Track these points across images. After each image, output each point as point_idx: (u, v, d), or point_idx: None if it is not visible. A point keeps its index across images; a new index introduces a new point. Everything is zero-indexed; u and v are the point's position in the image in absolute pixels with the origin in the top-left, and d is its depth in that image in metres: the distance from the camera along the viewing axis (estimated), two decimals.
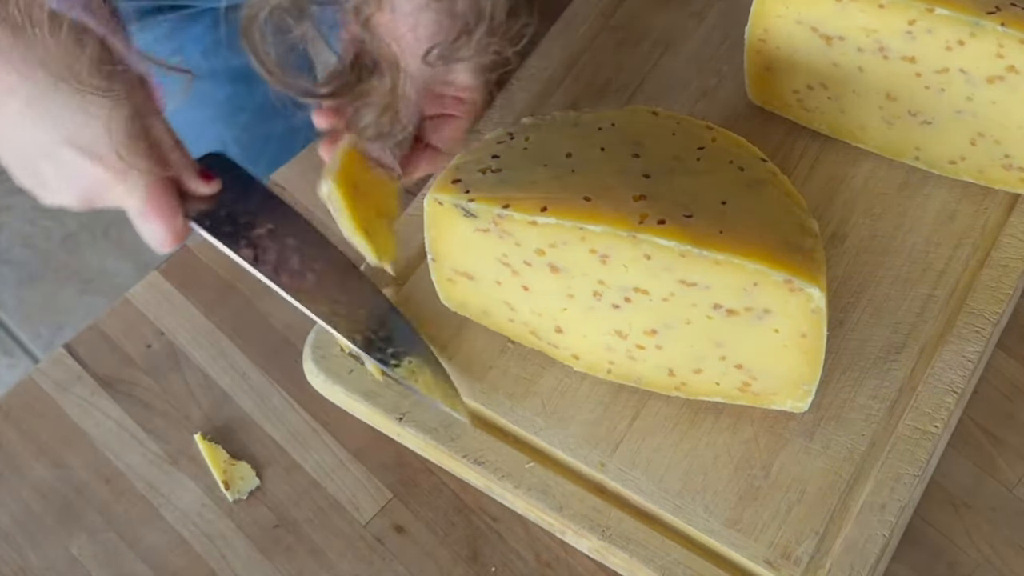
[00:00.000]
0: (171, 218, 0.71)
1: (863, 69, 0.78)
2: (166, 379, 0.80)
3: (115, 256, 1.80)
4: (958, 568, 0.72)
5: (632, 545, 0.70)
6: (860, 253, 0.79)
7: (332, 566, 0.73)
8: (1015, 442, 0.76)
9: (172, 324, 0.81)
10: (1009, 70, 0.73)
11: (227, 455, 0.77)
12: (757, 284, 0.67)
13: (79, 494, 0.76)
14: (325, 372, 0.76)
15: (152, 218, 0.70)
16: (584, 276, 0.70)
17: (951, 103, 0.77)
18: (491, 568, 0.73)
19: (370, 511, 0.75)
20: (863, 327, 0.76)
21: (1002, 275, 0.77)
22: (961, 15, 0.72)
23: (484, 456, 0.73)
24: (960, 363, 0.75)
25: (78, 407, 0.79)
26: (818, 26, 0.77)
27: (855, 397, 0.74)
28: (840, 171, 0.82)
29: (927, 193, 0.81)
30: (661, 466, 0.72)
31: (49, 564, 0.74)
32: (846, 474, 0.71)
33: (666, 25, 0.89)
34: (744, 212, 0.68)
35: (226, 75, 0.96)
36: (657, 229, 0.66)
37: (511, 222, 0.69)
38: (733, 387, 0.72)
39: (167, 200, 0.70)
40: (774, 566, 0.69)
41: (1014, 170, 0.79)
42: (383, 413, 0.75)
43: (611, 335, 0.72)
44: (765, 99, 0.84)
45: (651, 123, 0.75)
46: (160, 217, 0.70)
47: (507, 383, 0.75)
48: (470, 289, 0.75)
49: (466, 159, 0.72)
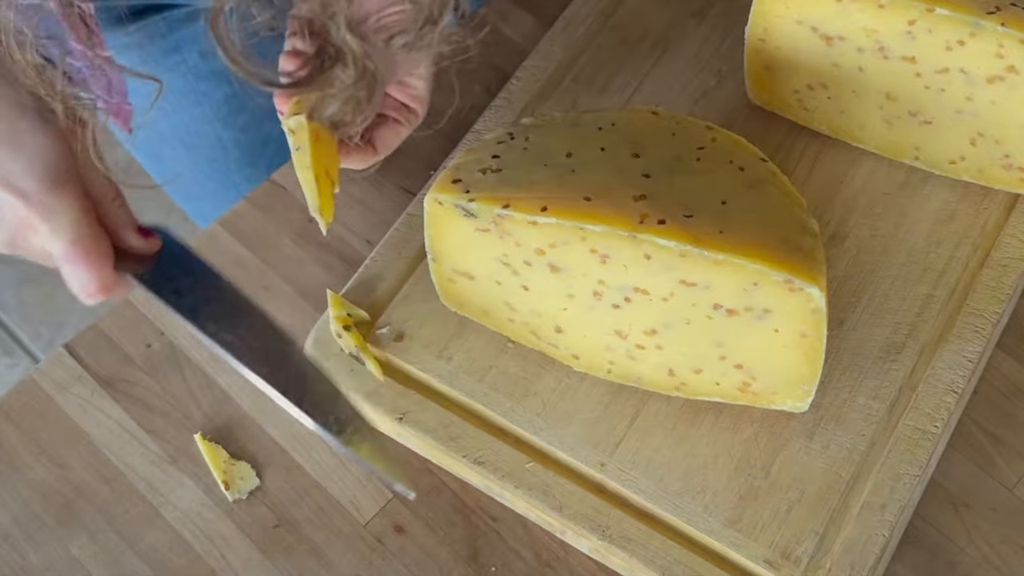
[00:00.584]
0: (99, 266, 0.64)
1: (863, 69, 0.78)
2: (166, 379, 0.80)
3: None
4: (958, 568, 0.72)
5: (632, 545, 0.70)
6: (860, 253, 0.79)
7: (332, 566, 0.73)
8: (1015, 442, 0.76)
9: (172, 324, 0.81)
10: (1009, 70, 0.73)
11: (227, 455, 0.77)
12: (757, 284, 0.67)
13: (79, 494, 0.76)
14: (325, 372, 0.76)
15: (77, 263, 0.63)
16: (584, 276, 0.70)
17: (951, 103, 0.77)
18: (491, 568, 0.73)
19: (370, 511, 0.75)
20: (863, 327, 0.76)
21: (1002, 275, 0.77)
22: (961, 15, 0.72)
23: (484, 456, 0.73)
24: (960, 363, 0.75)
25: (78, 407, 0.79)
26: (818, 26, 0.77)
27: (855, 397, 0.74)
28: (840, 171, 0.82)
29: (927, 193, 0.81)
30: (661, 466, 0.72)
31: (49, 564, 0.74)
32: (846, 474, 0.71)
33: (666, 25, 0.89)
34: (744, 212, 0.69)
35: (225, 76, 0.95)
36: (657, 229, 0.66)
37: (511, 222, 0.69)
38: (733, 387, 0.72)
39: (96, 246, 0.64)
40: (774, 566, 0.69)
41: (1014, 170, 0.79)
42: (383, 413, 0.75)
43: (611, 335, 0.72)
44: (765, 99, 0.84)
45: (651, 123, 0.75)
46: (86, 263, 0.63)
47: (507, 383, 0.75)
48: (470, 289, 0.75)
49: (466, 159, 0.72)
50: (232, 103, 0.97)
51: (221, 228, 0.85)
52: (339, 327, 0.76)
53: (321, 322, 0.78)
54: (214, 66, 0.95)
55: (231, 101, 0.96)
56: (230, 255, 0.84)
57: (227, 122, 0.97)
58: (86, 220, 0.63)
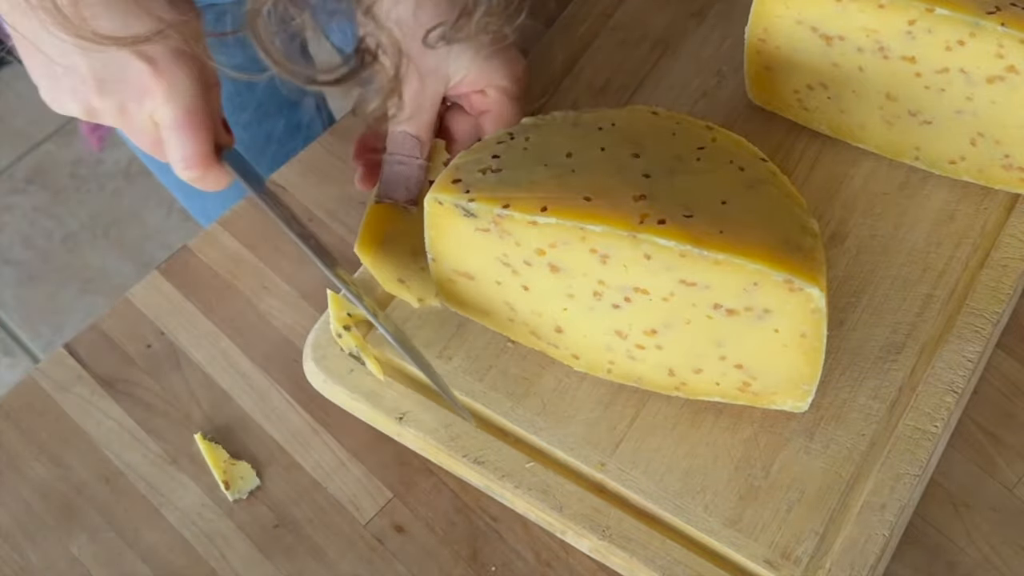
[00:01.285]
0: (207, 136, 0.69)
1: (863, 69, 0.78)
2: (166, 379, 0.80)
3: (115, 256, 1.81)
4: (958, 568, 0.72)
5: (632, 545, 0.70)
6: (860, 253, 0.79)
7: (332, 566, 0.74)
8: (1015, 442, 0.76)
9: (172, 324, 0.81)
10: (1009, 70, 0.73)
11: (227, 455, 0.77)
12: (757, 284, 0.67)
13: (79, 494, 0.76)
14: (325, 372, 0.76)
15: (188, 130, 0.69)
16: (584, 276, 0.70)
17: (951, 103, 0.77)
18: (491, 568, 0.73)
19: (370, 511, 0.75)
20: (863, 327, 0.76)
21: (1002, 275, 0.77)
22: (961, 15, 0.72)
23: (484, 456, 0.73)
24: (960, 363, 0.75)
25: (78, 407, 0.79)
26: (818, 26, 0.77)
27: (855, 397, 0.74)
28: (840, 171, 0.82)
29: (927, 193, 0.81)
30: (661, 466, 0.72)
31: (49, 564, 0.74)
32: (846, 474, 0.71)
33: (666, 25, 0.89)
34: (744, 212, 0.69)
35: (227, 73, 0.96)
36: (657, 229, 0.66)
37: (511, 222, 0.69)
38: (733, 387, 0.72)
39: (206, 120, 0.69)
40: (774, 566, 0.69)
41: (1014, 170, 0.79)
42: (383, 413, 0.75)
43: (611, 335, 0.72)
44: (765, 99, 0.84)
45: (651, 123, 0.75)
46: (195, 132, 0.69)
47: (507, 383, 0.75)
48: (470, 289, 0.75)
49: (466, 159, 0.73)
50: (234, 101, 0.97)
51: (221, 227, 0.85)
52: (339, 327, 0.76)
53: (321, 322, 0.78)
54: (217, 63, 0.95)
55: (233, 99, 0.96)
56: (230, 254, 0.84)
57: (229, 119, 0.97)
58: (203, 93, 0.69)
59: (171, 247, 1.70)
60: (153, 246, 1.83)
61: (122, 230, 1.85)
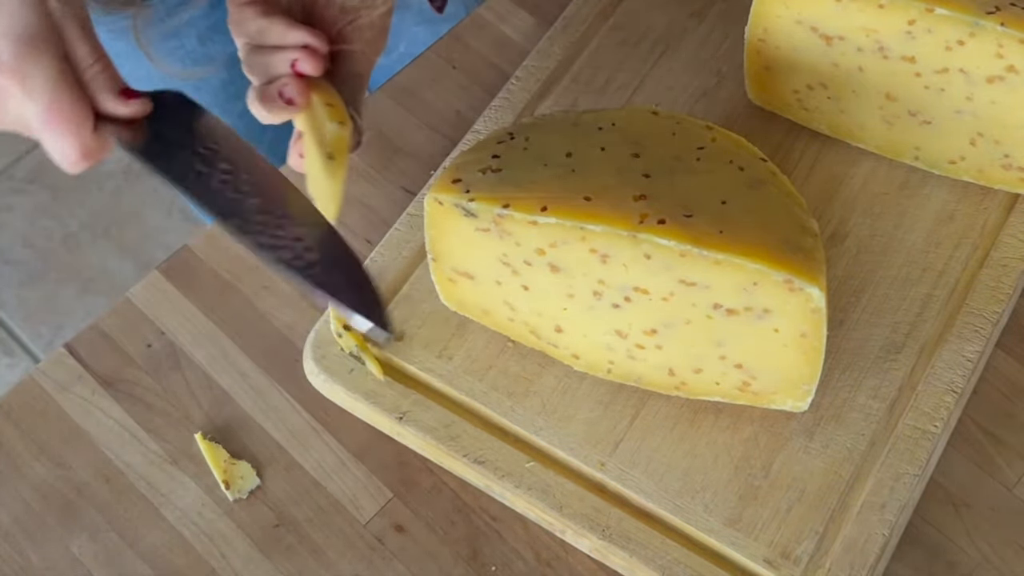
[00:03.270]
0: (76, 130, 0.61)
1: (863, 69, 0.78)
2: (166, 379, 0.80)
3: (115, 256, 1.81)
4: (958, 568, 0.72)
5: (632, 544, 0.70)
6: (860, 253, 0.79)
7: (332, 565, 0.74)
8: (1015, 442, 0.76)
9: (172, 324, 0.81)
10: (1009, 70, 0.73)
11: (227, 455, 0.77)
12: (757, 284, 0.67)
13: (79, 494, 0.76)
14: (325, 372, 0.76)
15: (54, 127, 0.61)
16: (584, 276, 0.70)
17: (951, 103, 0.77)
18: (491, 567, 0.73)
19: (370, 511, 0.75)
20: (863, 327, 0.76)
21: (1002, 275, 0.77)
22: (961, 15, 0.72)
23: (484, 456, 0.73)
24: (960, 363, 0.75)
25: (78, 407, 0.79)
26: (818, 26, 0.77)
27: (855, 397, 0.74)
28: (840, 171, 0.82)
29: (927, 193, 0.81)
30: (661, 466, 0.72)
31: (50, 564, 0.74)
32: (846, 474, 0.71)
33: (666, 25, 0.89)
34: (744, 212, 0.69)
35: (222, 61, 0.95)
36: (657, 229, 0.66)
37: (511, 222, 0.69)
38: (733, 387, 0.72)
39: (72, 109, 0.61)
40: (774, 565, 0.69)
41: (1014, 170, 0.79)
42: (383, 413, 0.75)
43: (611, 335, 0.72)
44: (765, 99, 0.84)
45: (651, 123, 0.75)
46: (63, 127, 0.61)
47: (507, 383, 0.75)
48: (470, 289, 0.75)
49: (466, 159, 0.73)
50: (229, 89, 0.96)
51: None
52: (339, 327, 0.76)
53: (321, 322, 0.78)
54: (212, 51, 0.94)
55: (228, 87, 0.96)
56: (230, 254, 0.84)
57: (224, 108, 0.97)
58: (63, 83, 0.61)
59: (171, 247, 1.69)
60: (153, 246, 1.83)
61: (122, 230, 1.85)
